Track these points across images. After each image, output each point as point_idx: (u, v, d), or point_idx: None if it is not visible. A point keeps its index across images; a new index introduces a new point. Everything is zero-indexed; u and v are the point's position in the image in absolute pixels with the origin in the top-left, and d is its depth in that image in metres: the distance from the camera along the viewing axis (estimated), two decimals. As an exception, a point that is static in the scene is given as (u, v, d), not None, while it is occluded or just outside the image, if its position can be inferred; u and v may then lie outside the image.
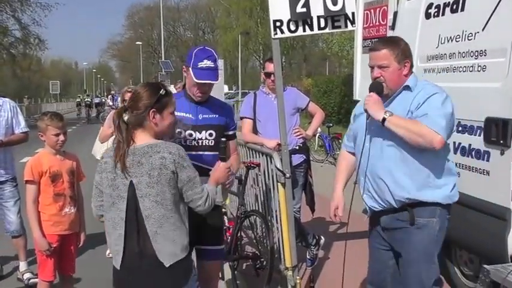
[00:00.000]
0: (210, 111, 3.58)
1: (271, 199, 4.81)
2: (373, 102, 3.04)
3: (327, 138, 13.38)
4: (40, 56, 47.44)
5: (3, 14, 37.45)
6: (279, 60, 4.18)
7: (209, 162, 3.39)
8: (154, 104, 2.71)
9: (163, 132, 2.81)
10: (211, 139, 3.54)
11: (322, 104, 18.57)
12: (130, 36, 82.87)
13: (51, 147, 3.92)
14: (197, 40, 73.88)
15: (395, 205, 3.09)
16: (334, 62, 52.78)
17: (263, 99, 5.16)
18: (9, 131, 5.14)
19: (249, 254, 5.06)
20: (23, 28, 38.39)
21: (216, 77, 3.44)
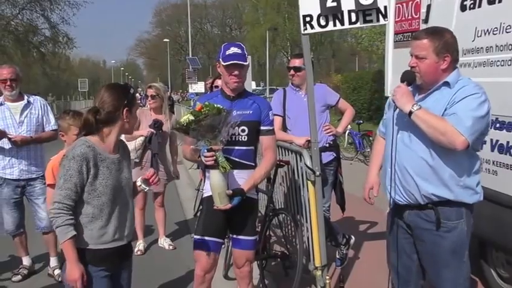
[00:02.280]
0: (244, 107, 3.64)
1: (300, 197, 4.74)
2: (402, 93, 2.96)
3: (357, 136, 13.23)
4: (69, 54, 48.27)
5: (33, 13, 38.26)
6: (309, 56, 4.13)
7: (242, 157, 3.61)
8: (127, 103, 2.89)
9: (129, 130, 3.01)
10: (244, 135, 3.60)
11: (351, 101, 18.39)
12: (157, 33, 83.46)
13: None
14: (224, 37, 74.06)
15: (421, 201, 3.01)
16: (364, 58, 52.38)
17: (293, 96, 5.12)
18: (39, 128, 5.19)
19: (277, 253, 5.00)
20: (52, 27, 39.19)
21: (243, 59, 3.55)
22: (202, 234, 3.67)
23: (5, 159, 5.07)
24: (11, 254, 5.74)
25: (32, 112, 5.17)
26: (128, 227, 3.00)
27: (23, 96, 5.21)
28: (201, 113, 3.36)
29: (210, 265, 3.70)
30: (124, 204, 2.97)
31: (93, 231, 2.83)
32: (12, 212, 5.17)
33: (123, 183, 2.95)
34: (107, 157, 2.87)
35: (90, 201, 2.82)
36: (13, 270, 5.35)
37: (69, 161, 2.75)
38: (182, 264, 5.49)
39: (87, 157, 2.75)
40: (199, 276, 3.72)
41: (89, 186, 2.79)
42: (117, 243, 2.92)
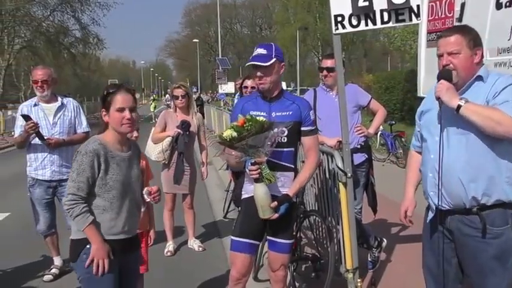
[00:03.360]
0: (283, 108, 3.59)
1: (331, 199, 4.69)
2: (446, 89, 2.85)
3: (389, 137, 13.03)
4: (99, 55, 48.93)
5: (64, 14, 38.92)
6: (340, 56, 4.09)
7: (282, 159, 3.55)
8: (103, 105, 3.04)
9: (116, 129, 3.05)
10: (284, 136, 3.54)
11: (383, 101, 18.17)
12: (187, 34, 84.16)
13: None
14: (254, 37, 74.25)
15: (467, 205, 2.91)
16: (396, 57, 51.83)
17: (324, 97, 5.07)
18: (71, 130, 5.25)
19: (308, 255, 4.94)
20: (82, 28, 39.79)
21: (263, 60, 3.48)
22: (239, 236, 3.64)
23: (38, 160, 5.14)
24: (43, 254, 5.82)
25: (65, 114, 5.23)
26: (136, 221, 3.16)
27: (56, 97, 5.28)
28: (243, 129, 3.32)
29: (246, 267, 3.66)
30: (133, 199, 3.11)
31: (104, 223, 3.00)
32: (43, 212, 5.23)
33: (132, 180, 3.11)
34: (117, 154, 3.05)
35: (101, 194, 2.99)
36: (44, 270, 5.43)
37: (82, 156, 2.94)
38: (212, 266, 5.48)
39: (98, 153, 2.95)
40: (234, 278, 3.67)
41: (100, 180, 2.97)
42: (125, 236, 3.08)
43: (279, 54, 3.56)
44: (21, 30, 37.54)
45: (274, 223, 3.58)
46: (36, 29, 37.47)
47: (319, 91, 5.14)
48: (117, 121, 3.01)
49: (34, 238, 5.66)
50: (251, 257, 3.69)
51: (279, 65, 3.57)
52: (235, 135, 3.32)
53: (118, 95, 3.01)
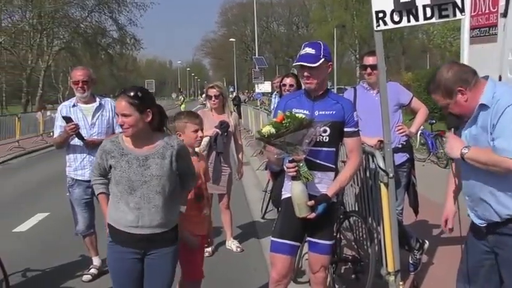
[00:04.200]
0: (326, 107, 3.53)
1: (372, 200, 4.60)
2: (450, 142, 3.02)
3: (429, 136, 12.81)
4: (136, 55, 49.66)
5: (101, 15, 39.64)
6: (382, 53, 4.03)
7: (323, 158, 3.51)
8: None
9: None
10: (326, 135, 3.49)
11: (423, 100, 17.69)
12: (223, 33, 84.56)
13: (190, 145, 3.77)
14: (290, 35, 74.12)
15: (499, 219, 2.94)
16: (436, 55, 50.82)
17: (364, 95, 4.99)
18: (110, 130, 5.27)
19: (348, 257, 4.86)
20: (119, 28, 40.46)
21: (312, 61, 3.43)
22: (279, 237, 3.59)
23: (77, 160, 5.18)
24: (82, 254, 5.87)
25: (103, 114, 5.26)
26: (150, 219, 3.19)
27: (95, 98, 5.31)
28: (282, 125, 3.29)
29: (286, 269, 3.61)
30: (145, 198, 3.18)
31: (118, 212, 3.24)
32: (82, 212, 5.27)
33: (146, 179, 3.17)
34: (130, 153, 3.20)
35: (116, 185, 3.24)
36: (83, 270, 5.47)
37: (99, 149, 3.31)
38: (250, 267, 5.44)
39: (106, 150, 3.24)
40: (274, 279, 3.62)
41: (112, 173, 3.25)
42: (135, 230, 3.20)
43: (327, 54, 3.50)
44: (60, 31, 38.46)
45: (314, 224, 3.53)
46: (74, 30, 38.28)
47: (359, 89, 5.07)
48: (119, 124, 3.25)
49: (73, 238, 5.71)
50: (291, 258, 3.64)
51: (327, 64, 3.51)
52: (273, 131, 3.29)
53: (117, 101, 3.18)
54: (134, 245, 3.23)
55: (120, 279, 3.32)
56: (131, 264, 3.26)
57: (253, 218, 7.60)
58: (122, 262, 3.27)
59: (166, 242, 3.31)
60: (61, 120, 5.15)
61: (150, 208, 3.18)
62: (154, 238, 3.24)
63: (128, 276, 3.28)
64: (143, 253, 3.27)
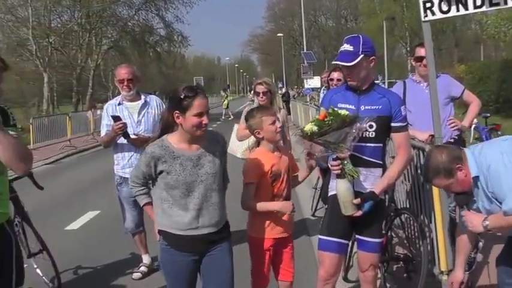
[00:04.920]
0: (372, 102, 3.43)
1: (423, 197, 4.47)
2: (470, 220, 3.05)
3: (484, 130, 12.37)
4: (183, 52, 50.10)
5: (148, 13, 40.05)
6: (431, 44, 3.91)
7: (369, 154, 3.43)
8: (176, 107, 3.04)
9: (190, 132, 3.08)
10: (372, 131, 3.40)
11: (477, 92, 17.23)
12: (271, 28, 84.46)
13: (272, 139, 3.66)
14: (339, 29, 73.42)
15: None
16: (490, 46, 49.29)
17: (413, 88, 4.86)
18: (155, 127, 5.24)
19: (399, 255, 4.72)
20: (166, 26, 40.72)
21: (348, 59, 3.34)
22: (327, 235, 3.54)
23: (125, 158, 5.22)
24: (132, 252, 5.93)
25: (148, 111, 5.27)
26: (209, 217, 3.16)
27: (140, 95, 5.33)
28: (324, 123, 3.22)
29: (334, 267, 3.56)
30: (204, 197, 3.14)
31: (172, 217, 3.14)
32: (131, 210, 5.31)
33: (202, 178, 3.13)
34: (182, 154, 3.11)
35: (167, 191, 3.12)
36: (133, 268, 5.51)
37: (143, 154, 3.19)
38: (300, 265, 5.32)
39: (155, 156, 3.10)
40: (322, 277, 3.58)
41: (163, 179, 3.11)
42: (195, 232, 3.14)
43: (368, 49, 3.37)
44: (108, 30, 39.06)
45: (362, 221, 3.45)
46: (122, 29, 38.78)
47: (409, 83, 4.95)
48: (194, 125, 3.04)
49: (123, 236, 5.78)
50: (339, 256, 3.58)
51: (368, 60, 3.39)
52: (316, 129, 3.22)
53: (197, 100, 3.02)
54: (193, 247, 3.17)
55: (177, 283, 3.25)
56: (188, 267, 3.21)
57: (303, 216, 7.49)
58: (179, 265, 3.19)
59: (223, 239, 3.29)
60: (107, 119, 5.19)
61: (208, 207, 3.15)
62: (212, 237, 3.20)
63: (185, 279, 3.23)
64: (201, 253, 3.22)
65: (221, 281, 3.27)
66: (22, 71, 38.71)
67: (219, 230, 3.24)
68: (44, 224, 6.13)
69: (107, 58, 39.98)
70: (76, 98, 37.94)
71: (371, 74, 3.50)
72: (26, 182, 4.71)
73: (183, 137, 3.12)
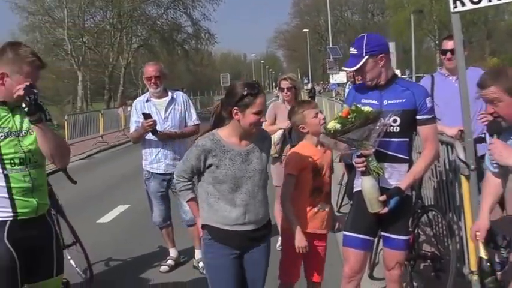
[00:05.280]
0: (395, 95, 3.36)
1: (452, 193, 4.39)
2: (500, 149, 2.85)
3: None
4: (210, 50, 50.54)
5: (176, 11, 40.77)
6: (460, 37, 3.80)
7: (394, 150, 3.36)
8: (236, 103, 3.02)
9: (245, 128, 3.08)
10: (396, 125, 3.32)
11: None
12: (296, 24, 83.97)
13: (316, 131, 3.63)
14: (365, 23, 72.65)
15: None
16: (525, 37, 48.14)
17: (442, 82, 4.77)
18: (182, 123, 5.35)
19: (427, 253, 4.64)
20: (194, 24, 41.37)
21: (352, 64, 3.33)
22: (352, 231, 3.49)
23: (152, 154, 5.30)
24: (160, 245, 6.03)
25: (175, 108, 5.33)
26: (255, 214, 3.17)
27: (167, 92, 5.39)
28: (347, 121, 3.19)
29: (359, 264, 3.52)
30: (251, 193, 3.14)
31: (218, 212, 3.13)
32: (159, 204, 5.39)
33: (249, 174, 3.13)
34: (232, 149, 3.11)
35: (214, 185, 3.12)
36: (161, 261, 5.62)
37: (194, 147, 3.15)
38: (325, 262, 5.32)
39: (206, 149, 3.08)
40: (347, 274, 3.55)
41: (212, 173, 3.10)
42: (242, 228, 3.14)
43: (372, 48, 3.30)
44: (138, 29, 39.97)
45: (387, 218, 3.39)
46: (151, 28, 39.70)
47: (437, 76, 4.86)
48: (253, 123, 3.05)
49: (152, 229, 5.87)
50: (364, 253, 3.54)
51: (375, 59, 3.31)
52: (339, 127, 3.19)
53: (259, 98, 3.03)
54: (237, 242, 3.17)
55: (220, 278, 3.22)
56: (231, 262, 3.20)
57: (328, 211, 7.46)
58: (222, 260, 3.18)
59: (266, 236, 3.31)
60: (136, 116, 5.29)
61: (255, 203, 3.16)
62: (256, 233, 3.21)
63: (228, 274, 3.21)
64: (244, 249, 3.22)
65: (255, 277, 3.29)
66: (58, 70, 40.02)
67: (263, 227, 3.25)
68: (77, 217, 6.26)
69: (137, 56, 40.70)
70: (108, 96, 38.76)
71: (387, 70, 3.40)
72: (60, 177, 4.83)
73: (234, 132, 3.12)
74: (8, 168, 2.85)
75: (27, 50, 2.85)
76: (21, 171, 2.89)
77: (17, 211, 2.88)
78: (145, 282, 5.28)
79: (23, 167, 2.90)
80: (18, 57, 2.80)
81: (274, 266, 3.72)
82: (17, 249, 2.79)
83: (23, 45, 2.88)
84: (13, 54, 2.80)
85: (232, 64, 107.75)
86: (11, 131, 2.87)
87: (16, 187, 2.87)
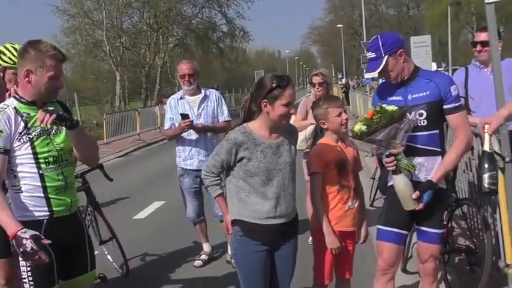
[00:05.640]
0: (419, 89, 3.31)
1: (487, 186, 4.29)
2: None
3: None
4: (245, 47, 50.83)
5: (211, 10, 41.25)
6: (495, 28, 3.72)
7: (425, 143, 3.31)
8: (265, 96, 3.04)
9: (275, 120, 3.09)
10: (422, 119, 3.27)
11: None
12: (330, 19, 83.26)
13: (336, 130, 3.62)
14: (401, 17, 71.57)
15: None
16: None
17: (476, 74, 4.69)
18: (215, 120, 5.43)
19: (461, 247, 4.59)
20: (228, 22, 41.80)
21: (374, 67, 3.30)
22: (386, 225, 3.47)
23: (185, 151, 5.39)
24: (194, 240, 6.13)
25: (208, 105, 5.41)
26: (286, 207, 3.17)
27: (200, 90, 5.47)
28: (373, 122, 3.18)
29: (393, 258, 3.49)
30: (282, 185, 3.15)
31: (249, 206, 3.13)
32: (192, 200, 5.48)
33: (280, 167, 3.14)
34: (263, 142, 3.12)
35: (245, 179, 3.12)
36: (195, 256, 5.71)
37: (224, 141, 3.15)
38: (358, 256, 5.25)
39: (237, 142, 3.10)
40: (381, 268, 3.53)
41: (243, 166, 3.11)
42: (273, 221, 3.14)
43: (390, 47, 3.26)
44: (174, 29, 40.51)
45: (422, 211, 3.34)
46: (186, 27, 40.28)
47: (471, 68, 4.78)
48: (282, 114, 3.07)
49: (186, 225, 5.96)
50: (398, 247, 3.50)
51: (395, 56, 3.27)
52: (365, 129, 3.18)
53: (288, 90, 3.05)
54: (268, 237, 3.17)
55: (251, 273, 3.22)
56: (262, 257, 3.20)
57: (361, 206, 7.43)
58: (253, 256, 3.18)
59: (294, 232, 3.31)
60: (170, 113, 5.41)
61: (285, 196, 3.17)
62: (286, 228, 3.21)
63: (259, 270, 3.21)
64: (274, 244, 3.23)
65: (284, 273, 3.30)
66: (97, 71, 41.11)
67: (292, 221, 3.25)
68: (114, 214, 6.45)
69: (173, 55, 41.26)
70: (145, 94, 39.49)
71: (408, 63, 3.35)
72: (97, 174, 4.95)
73: (264, 125, 3.13)
74: (43, 168, 2.91)
75: (47, 45, 2.90)
76: (55, 169, 2.95)
77: (52, 210, 2.95)
78: (179, 277, 5.37)
79: (56, 166, 2.96)
80: (40, 53, 2.85)
81: (305, 261, 3.75)
82: (53, 246, 2.84)
83: (43, 41, 2.93)
84: (35, 51, 2.85)
85: (266, 61, 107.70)
86: (43, 130, 2.93)
87: (51, 186, 2.94)
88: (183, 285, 5.23)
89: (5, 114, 2.85)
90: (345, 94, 29.87)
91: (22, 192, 2.91)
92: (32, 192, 2.91)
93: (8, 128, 2.83)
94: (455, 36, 53.77)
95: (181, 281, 5.28)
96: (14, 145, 2.86)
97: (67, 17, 37.02)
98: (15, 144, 2.86)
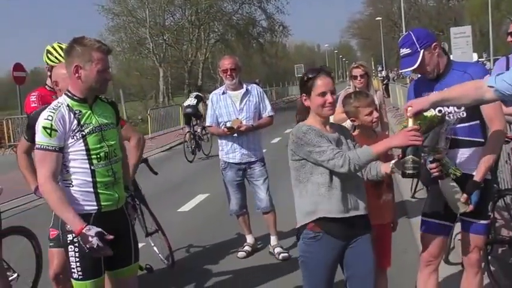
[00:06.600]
0: (454, 81, 3.23)
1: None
2: None
3: None
4: (285, 42, 50.87)
5: (251, 6, 41.65)
6: None
7: (467, 134, 3.26)
8: (301, 90, 3.09)
9: (318, 113, 3.05)
10: (461, 111, 3.23)
11: None
12: (369, 12, 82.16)
13: (367, 128, 3.62)
14: (440, 8, 69.92)
15: None
16: None
17: (517, 63, 4.59)
18: (256, 114, 5.53)
19: (504, 238, 4.56)
20: (268, 17, 42.08)
21: (411, 63, 3.26)
22: (429, 216, 3.45)
23: (228, 144, 5.52)
24: (237, 232, 6.25)
25: (250, 99, 5.51)
26: (356, 199, 3.08)
27: (242, 85, 5.58)
28: None
29: (437, 249, 3.47)
30: (354, 178, 3.07)
31: (331, 200, 3.01)
32: (235, 193, 5.60)
33: None
34: (325, 134, 3.04)
35: (322, 174, 3.01)
36: (238, 247, 5.83)
37: (306, 135, 2.98)
38: (399, 247, 5.32)
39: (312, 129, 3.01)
40: (425, 259, 3.51)
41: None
42: (350, 214, 3.05)
43: (424, 41, 3.24)
44: (215, 25, 40.98)
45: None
46: (227, 23, 40.74)
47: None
48: (319, 105, 3.03)
49: (229, 217, 6.06)
50: (443, 238, 3.48)
51: (430, 50, 3.25)
52: None
53: (318, 79, 3.02)
54: (345, 231, 3.07)
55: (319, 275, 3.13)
56: (336, 254, 3.12)
57: (402, 198, 7.42)
58: (330, 253, 3.09)
59: (367, 225, 3.21)
60: (212, 109, 5.56)
61: (354, 188, 3.10)
62: (361, 220, 3.13)
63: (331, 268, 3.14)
64: (348, 239, 3.12)
65: (364, 272, 3.19)
66: (141, 68, 42.04)
67: (365, 214, 3.16)
68: (159, 206, 6.60)
69: (214, 51, 41.75)
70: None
71: (442, 56, 3.33)
72: (142, 168, 5.11)
73: (316, 119, 3.10)
74: (95, 164, 3.01)
75: (91, 39, 2.99)
76: (105, 165, 3.05)
77: (101, 204, 3.04)
78: (223, 268, 5.48)
79: (107, 161, 3.05)
80: (86, 48, 2.94)
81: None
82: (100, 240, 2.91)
83: (86, 37, 3.01)
84: (81, 47, 2.94)
85: (306, 55, 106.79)
86: (94, 126, 3.03)
87: (100, 181, 3.03)
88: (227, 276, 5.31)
89: (59, 113, 2.95)
90: (385, 86, 29.51)
91: (73, 186, 3.01)
92: (82, 187, 3.00)
93: (62, 126, 2.93)
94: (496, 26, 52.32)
95: (225, 272, 5.37)
96: (67, 142, 2.96)
97: (112, 16, 37.97)
98: (69, 141, 2.96)
